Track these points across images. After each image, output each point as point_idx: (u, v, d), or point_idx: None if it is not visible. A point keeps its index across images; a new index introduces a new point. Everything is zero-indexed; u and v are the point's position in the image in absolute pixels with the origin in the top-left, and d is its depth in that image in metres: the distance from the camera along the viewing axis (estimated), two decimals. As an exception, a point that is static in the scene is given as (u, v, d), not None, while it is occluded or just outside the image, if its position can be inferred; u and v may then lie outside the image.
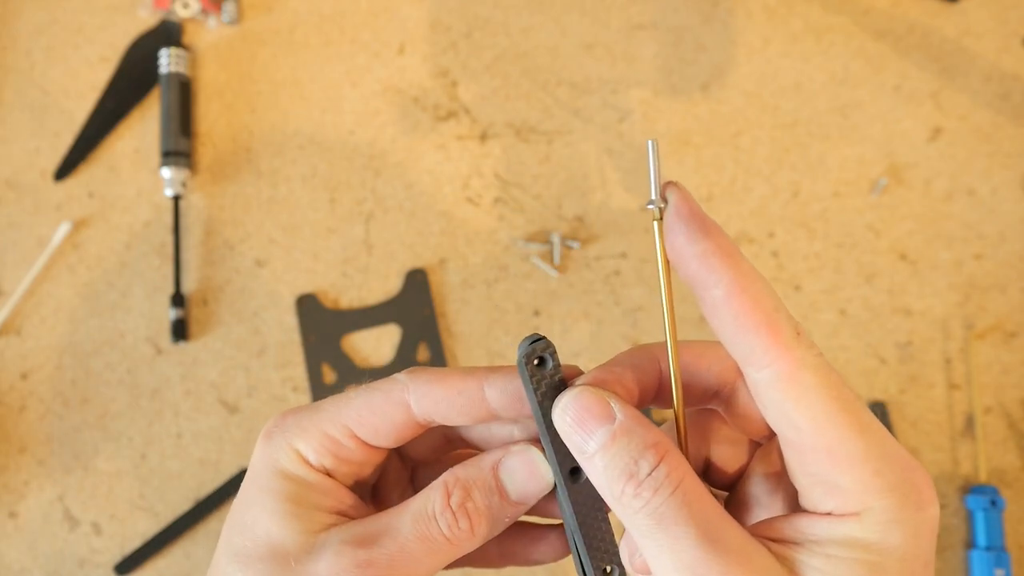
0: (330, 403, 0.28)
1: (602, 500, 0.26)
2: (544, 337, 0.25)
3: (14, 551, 0.60)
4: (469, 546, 0.26)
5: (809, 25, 0.67)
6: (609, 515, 0.27)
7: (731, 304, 0.22)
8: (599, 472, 0.24)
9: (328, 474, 0.27)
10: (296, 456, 0.27)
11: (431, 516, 0.26)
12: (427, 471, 0.31)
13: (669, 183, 0.23)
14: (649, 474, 0.23)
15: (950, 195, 0.64)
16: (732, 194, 0.64)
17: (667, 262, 0.24)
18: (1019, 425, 0.60)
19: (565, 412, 0.24)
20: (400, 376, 0.27)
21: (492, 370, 0.27)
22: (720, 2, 0.68)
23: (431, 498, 0.26)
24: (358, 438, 0.27)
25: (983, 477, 0.58)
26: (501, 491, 0.26)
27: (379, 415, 0.27)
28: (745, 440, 0.27)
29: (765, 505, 0.26)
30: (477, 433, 0.30)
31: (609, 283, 0.63)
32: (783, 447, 0.24)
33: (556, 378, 0.25)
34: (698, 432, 0.27)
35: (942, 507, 0.59)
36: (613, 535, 0.27)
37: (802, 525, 0.23)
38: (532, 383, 0.25)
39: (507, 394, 0.26)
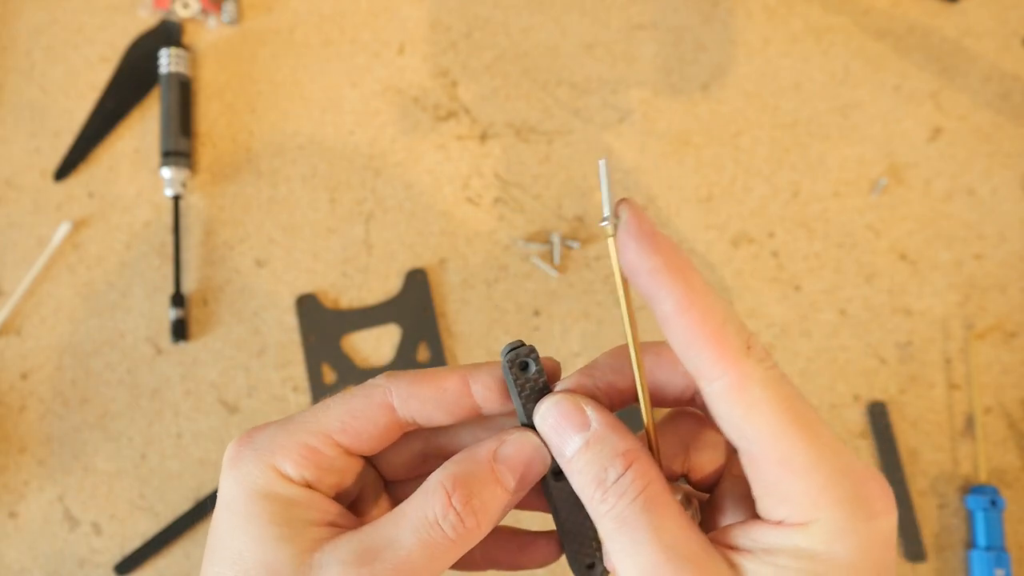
0: (303, 415, 0.27)
1: None
2: (524, 343, 0.26)
3: (14, 551, 0.60)
4: (472, 543, 0.26)
5: (809, 25, 0.67)
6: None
7: (680, 318, 0.22)
8: (574, 476, 0.25)
9: (310, 487, 0.26)
10: (274, 473, 0.26)
11: (433, 522, 0.25)
12: (404, 487, 0.31)
13: (622, 200, 0.24)
14: (615, 481, 0.24)
15: (950, 195, 0.64)
16: (732, 194, 0.64)
17: (625, 278, 0.24)
18: (1019, 425, 0.60)
19: (545, 418, 0.26)
20: (378, 380, 0.27)
21: (475, 366, 0.27)
22: (720, 2, 0.68)
23: (429, 503, 0.25)
24: (339, 445, 0.27)
25: (983, 477, 0.58)
26: (501, 481, 0.26)
27: (362, 419, 0.27)
28: (723, 443, 0.28)
29: (735, 509, 0.27)
30: (458, 441, 0.30)
31: (609, 283, 0.63)
32: (740, 456, 0.24)
33: (540, 381, 0.26)
34: (677, 435, 0.28)
35: (942, 507, 0.59)
36: (596, 534, 0.28)
37: (755, 533, 0.24)
38: (516, 386, 0.26)
39: (492, 388, 0.27)
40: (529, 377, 0.26)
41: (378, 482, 0.30)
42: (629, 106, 0.66)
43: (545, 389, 0.26)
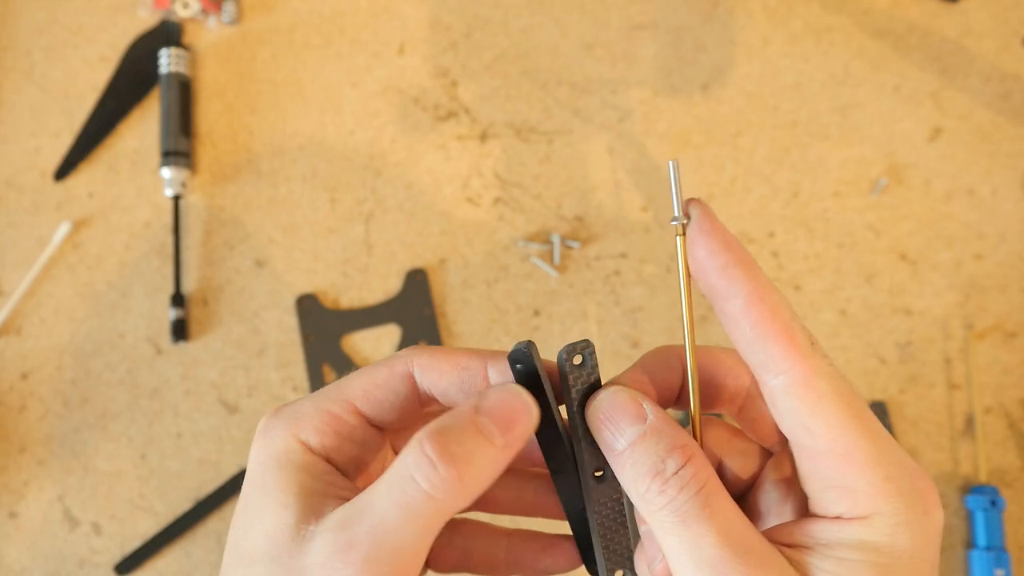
0: (327, 387, 0.27)
1: (622, 505, 0.27)
2: (591, 343, 0.26)
3: (14, 551, 0.60)
4: (456, 501, 0.24)
5: (809, 25, 0.67)
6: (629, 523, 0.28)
7: (750, 313, 0.23)
8: (627, 469, 0.24)
9: (328, 459, 0.26)
10: (295, 442, 0.26)
11: (407, 476, 0.23)
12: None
13: (692, 200, 0.24)
14: (676, 473, 0.23)
15: (950, 195, 0.64)
16: (732, 194, 0.64)
17: (688, 275, 0.25)
18: (1019, 425, 0.60)
19: (599, 409, 0.25)
20: (402, 351, 0.28)
21: (495, 352, 0.27)
22: (720, 2, 0.68)
23: (404, 458, 0.24)
24: (360, 414, 0.27)
25: (983, 477, 0.58)
26: (483, 430, 0.24)
27: (383, 388, 0.27)
28: (756, 450, 0.28)
29: (776, 513, 0.27)
30: None
31: (609, 283, 0.63)
32: (796, 453, 0.24)
33: (593, 378, 0.26)
34: (709, 444, 0.28)
35: (943, 507, 0.59)
36: (630, 541, 0.28)
37: (813, 529, 0.24)
38: (569, 379, 0.26)
39: (509, 375, 0.27)
40: (583, 372, 0.26)
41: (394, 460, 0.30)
42: (629, 106, 0.66)
43: (596, 386, 0.26)
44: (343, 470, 0.27)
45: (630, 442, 0.24)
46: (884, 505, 0.23)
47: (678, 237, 0.24)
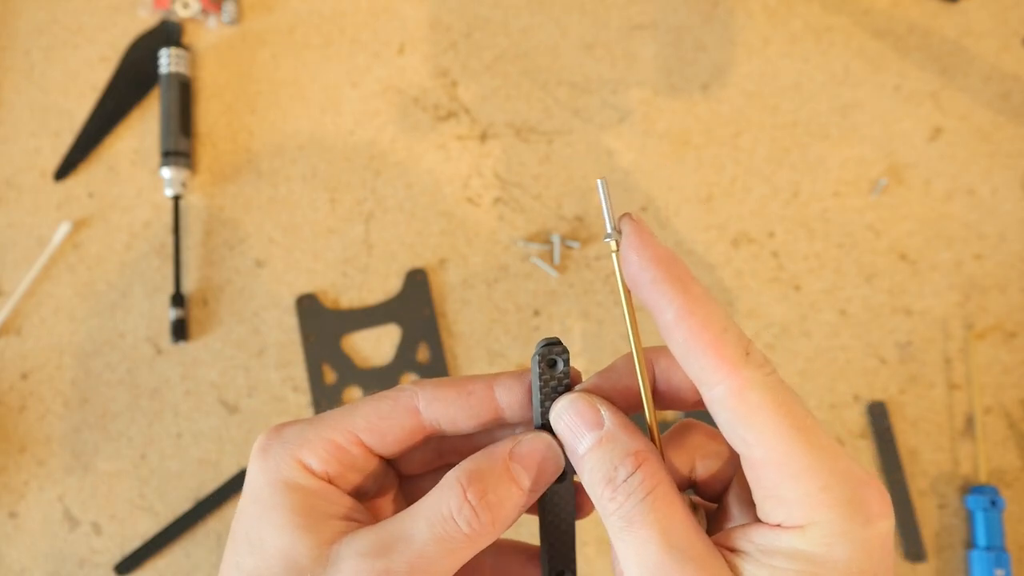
0: (331, 414, 0.28)
1: (574, 507, 0.28)
2: (562, 342, 0.27)
3: (14, 551, 0.60)
4: (487, 540, 0.26)
5: (809, 25, 0.67)
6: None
7: (680, 327, 0.23)
8: (586, 474, 0.25)
9: (331, 482, 0.27)
10: (299, 466, 0.27)
11: (448, 516, 0.25)
12: (418, 483, 0.31)
13: (623, 215, 0.25)
14: (625, 480, 0.24)
15: (950, 195, 0.64)
16: (732, 194, 0.64)
17: (627, 290, 0.25)
18: (1019, 425, 0.60)
19: (560, 415, 0.26)
20: (406, 385, 0.28)
21: (500, 374, 0.28)
22: (720, 2, 0.68)
23: (444, 498, 0.25)
24: (364, 445, 0.27)
25: (983, 477, 0.58)
26: (516, 479, 0.26)
27: (388, 421, 0.27)
28: (729, 454, 0.28)
29: (740, 514, 0.27)
30: (474, 442, 0.30)
31: (609, 283, 0.63)
32: (742, 461, 0.24)
33: (564, 382, 0.27)
34: (685, 447, 0.28)
35: (942, 507, 0.59)
36: (574, 544, 0.29)
37: (755, 536, 0.24)
38: (540, 381, 0.27)
39: (516, 393, 0.27)
40: (555, 375, 0.27)
41: (393, 478, 0.31)
42: (629, 106, 0.66)
43: (566, 390, 0.27)
44: (346, 492, 0.28)
45: (587, 448, 0.25)
46: (819, 515, 0.22)
47: (613, 254, 0.25)
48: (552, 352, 0.26)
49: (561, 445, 0.27)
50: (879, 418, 0.60)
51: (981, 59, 0.66)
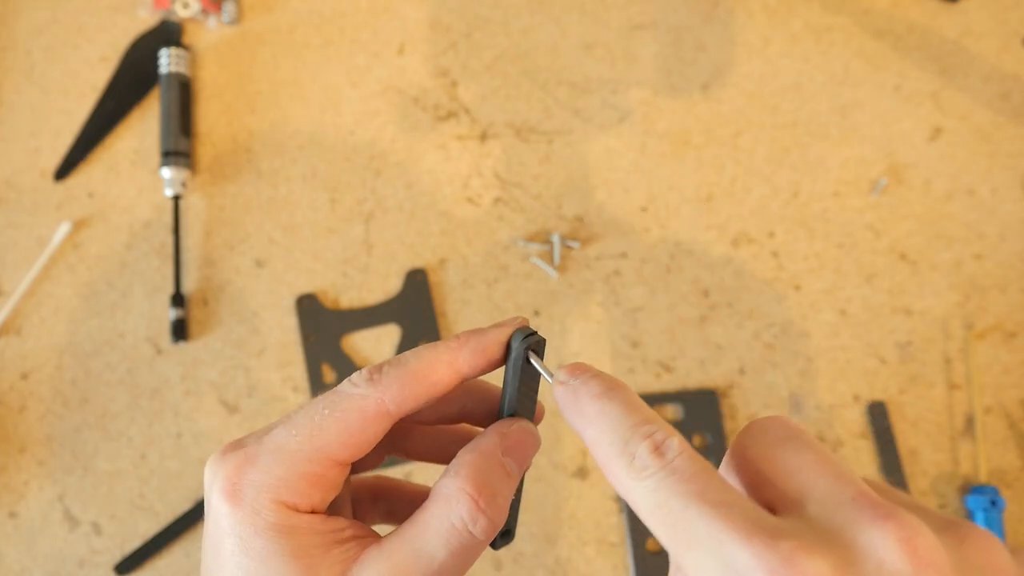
0: (294, 438, 0.26)
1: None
2: (536, 332, 0.28)
3: (14, 551, 0.60)
4: (494, 536, 0.27)
5: (809, 25, 0.67)
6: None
7: (592, 451, 0.25)
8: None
9: (314, 511, 0.26)
10: (283, 508, 0.25)
11: (462, 529, 0.25)
12: (361, 462, 0.31)
13: (570, 370, 0.26)
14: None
15: (950, 195, 0.64)
16: (732, 194, 0.64)
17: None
18: (1019, 425, 0.60)
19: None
20: (365, 389, 0.27)
21: (457, 347, 0.28)
22: (720, 2, 0.68)
23: (455, 510, 0.25)
24: (337, 463, 0.27)
25: (983, 477, 0.58)
26: (511, 473, 0.27)
27: (359, 433, 0.26)
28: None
29: None
30: (423, 414, 0.31)
31: (609, 283, 0.63)
32: None
33: (536, 376, 0.29)
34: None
35: (942, 507, 0.59)
36: (519, 501, 0.30)
37: None
38: (522, 373, 0.28)
39: (478, 365, 0.28)
40: (531, 370, 0.28)
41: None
42: (629, 106, 0.66)
43: (536, 376, 0.29)
44: (329, 513, 0.27)
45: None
46: None
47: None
48: (538, 346, 0.28)
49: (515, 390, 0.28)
50: (879, 418, 0.60)
51: (981, 59, 0.66)
